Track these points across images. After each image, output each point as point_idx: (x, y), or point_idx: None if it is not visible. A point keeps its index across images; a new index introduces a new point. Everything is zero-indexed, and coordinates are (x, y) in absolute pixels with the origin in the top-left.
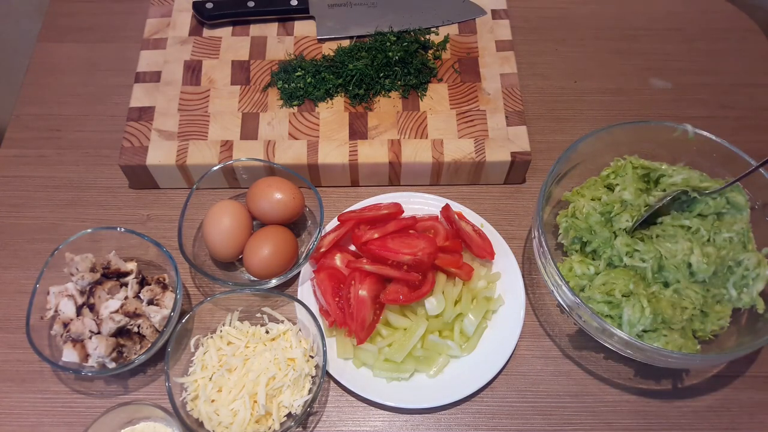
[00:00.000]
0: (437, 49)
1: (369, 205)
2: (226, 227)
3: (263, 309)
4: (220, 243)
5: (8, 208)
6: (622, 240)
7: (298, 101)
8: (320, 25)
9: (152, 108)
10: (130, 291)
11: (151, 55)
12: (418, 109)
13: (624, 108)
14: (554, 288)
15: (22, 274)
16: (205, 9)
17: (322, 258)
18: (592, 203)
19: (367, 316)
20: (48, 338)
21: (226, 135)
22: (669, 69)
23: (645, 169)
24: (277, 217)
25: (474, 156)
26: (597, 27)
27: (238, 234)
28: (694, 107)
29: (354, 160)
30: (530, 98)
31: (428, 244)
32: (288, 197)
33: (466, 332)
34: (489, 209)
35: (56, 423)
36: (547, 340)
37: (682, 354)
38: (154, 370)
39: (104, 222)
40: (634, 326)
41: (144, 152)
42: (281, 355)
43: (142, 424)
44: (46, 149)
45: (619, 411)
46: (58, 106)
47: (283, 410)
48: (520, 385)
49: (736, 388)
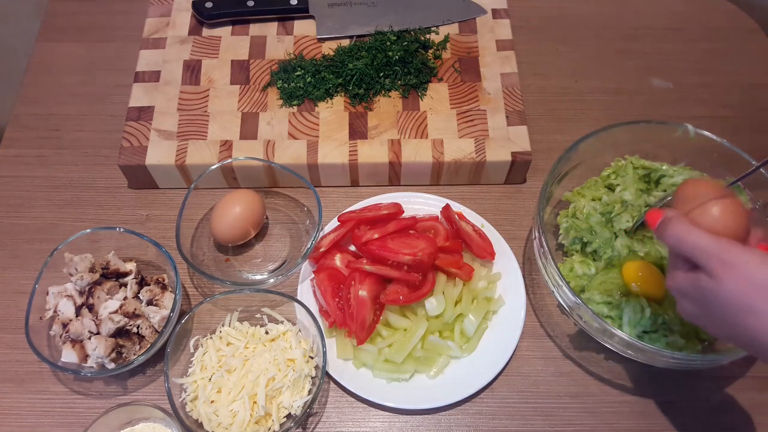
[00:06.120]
0: (437, 49)
1: (369, 206)
2: (237, 212)
3: (263, 309)
4: (230, 226)
5: (7, 208)
6: (623, 240)
7: (298, 101)
8: (320, 24)
9: (151, 108)
10: (130, 291)
11: (150, 55)
12: (418, 108)
13: (624, 108)
14: (555, 288)
15: (21, 274)
16: (205, 8)
17: (322, 258)
18: (592, 203)
19: (367, 316)
20: (47, 338)
21: (226, 135)
22: (669, 69)
23: (646, 169)
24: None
25: (474, 156)
26: (598, 27)
27: (249, 216)
28: (695, 107)
29: (354, 159)
30: (531, 98)
31: (428, 244)
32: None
33: (467, 333)
34: (489, 209)
35: (55, 423)
36: (548, 340)
37: (682, 355)
38: (154, 370)
39: (103, 222)
40: (635, 327)
41: (143, 152)
42: (281, 355)
43: (141, 424)
44: (45, 149)
45: (620, 412)
46: (57, 105)
47: (283, 411)
48: (520, 386)
49: (736, 389)
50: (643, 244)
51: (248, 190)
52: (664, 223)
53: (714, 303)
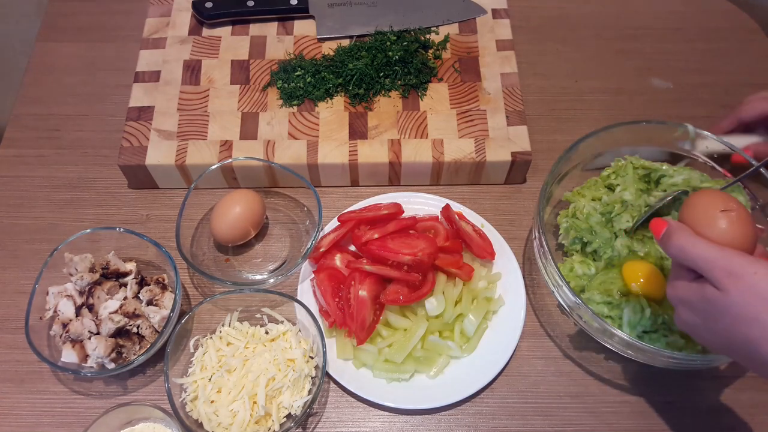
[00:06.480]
0: (437, 49)
1: (369, 206)
2: (237, 212)
3: (263, 309)
4: (231, 224)
5: (7, 208)
6: (623, 240)
7: (298, 101)
8: (320, 24)
9: (151, 108)
10: (129, 291)
11: (150, 55)
12: (418, 108)
13: (624, 108)
14: (555, 288)
15: (21, 274)
16: (205, 8)
17: (321, 258)
18: (592, 203)
19: (367, 316)
20: (47, 339)
21: (226, 135)
22: (669, 69)
23: (646, 169)
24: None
25: (474, 156)
26: (598, 26)
27: (249, 216)
28: (694, 107)
29: (354, 159)
30: (531, 98)
31: (428, 244)
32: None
33: (467, 333)
34: (489, 209)
35: (55, 424)
36: (548, 340)
37: (682, 355)
38: (154, 370)
39: (103, 222)
40: (635, 327)
41: (143, 152)
42: (281, 355)
43: (141, 424)
44: (45, 149)
45: (620, 412)
46: (57, 105)
47: (283, 411)
48: (520, 386)
49: (736, 389)
50: (643, 244)
51: (248, 190)
52: (668, 234)
53: (717, 313)
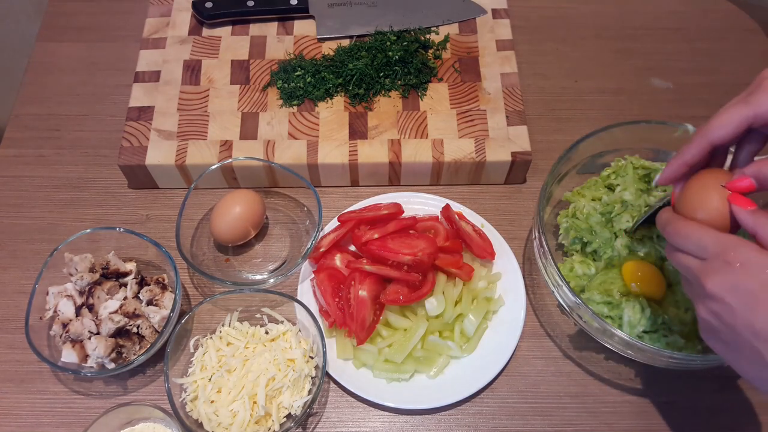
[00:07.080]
0: (437, 49)
1: (369, 206)
2: (237, 212)
3: (263, 309)
4: (231, 223)
5: (7, 208)
6: (623, 240)
7: (298, 101)
8: (320, 24)
9: (151, 108)
10: (129, 291)
11: (150, 55)
12: (418, 108)
13: (624, 108)
14: (555, 288)
15: (21, 274)
16: (205, 8)
17: (321, 258)
18: (592, 203)
19: (367, 316)
20: (47, 339)
21: (226, 135)
22: (669, 69)
23: (646, 169)
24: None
25: (474, 156)
26: (597, 26)
27: (249, 216)
28: (695, 107)
29: (354, 159)
30: (531, 98)
31: (428, 244)
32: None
33: (467, 333)
34: (489, 209)
35: (55, 424)
36: (548, 340)
37: (683, 355)
38: (154, 370)
39: (103, 222)
40: (635, 327)
41: (143, 152)
42: (281, 355)
43: (141, 424)
44: (45, 149)
45: (620, 412)
46: (57, 105)
47: (283, 411)
48: (520, 386)
49: (736, 389)
50: (643, 244)
51: (248, 190)
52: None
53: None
